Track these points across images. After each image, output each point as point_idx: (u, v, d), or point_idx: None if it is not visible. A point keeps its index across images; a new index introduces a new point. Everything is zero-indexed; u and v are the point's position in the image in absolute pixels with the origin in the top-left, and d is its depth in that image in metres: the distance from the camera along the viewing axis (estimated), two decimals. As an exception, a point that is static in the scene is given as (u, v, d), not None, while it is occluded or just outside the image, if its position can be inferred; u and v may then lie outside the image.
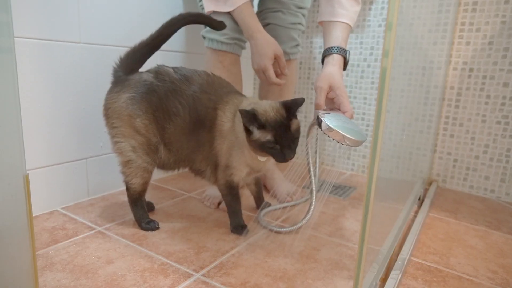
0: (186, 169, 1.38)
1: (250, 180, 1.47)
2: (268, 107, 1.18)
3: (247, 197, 1.67)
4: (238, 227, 1.34)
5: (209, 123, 1.26)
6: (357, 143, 1.11)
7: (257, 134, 1.16)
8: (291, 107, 1.19)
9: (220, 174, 1.30)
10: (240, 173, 1.29)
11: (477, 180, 1.89)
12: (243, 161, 1.27)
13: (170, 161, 1.33)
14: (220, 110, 1.26)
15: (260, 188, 1.54)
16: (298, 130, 1.20)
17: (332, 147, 2.21)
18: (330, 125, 1.11)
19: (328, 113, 1.20)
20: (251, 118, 1.15)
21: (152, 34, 1.29)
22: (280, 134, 1.15)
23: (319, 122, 1.16)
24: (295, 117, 1.21)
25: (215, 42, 1.53)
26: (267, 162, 1.31)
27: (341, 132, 1.09)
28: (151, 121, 1.27)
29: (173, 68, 1.30)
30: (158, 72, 1.29)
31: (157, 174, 1.66)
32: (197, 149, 1.29)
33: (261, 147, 1.17)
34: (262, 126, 1.15)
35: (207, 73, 1.32)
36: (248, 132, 1.18)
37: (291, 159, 1.17)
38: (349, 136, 1.09)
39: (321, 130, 1.14)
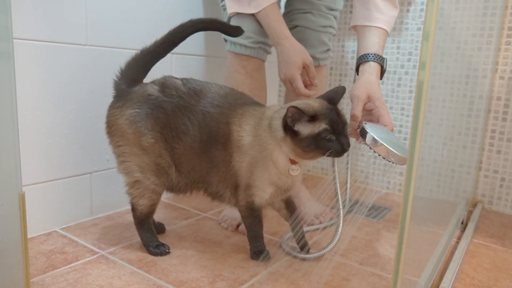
0: (200, 193, 1.35)
1: (278, 204, 1.40)
2: (308, 101, 1.18)
3: (269, 219, 1.65)
4: (259, 253, 1.31)
5: (223, 139, 1.24)
6: (403, 161, 1.09)
7: (308, 128, 1.13)
8: (333, 98, 1.20)
9: (241, 194, 1.27)
10: (263, 194, 1.26)
11: (527, 202, 1.84)
12: (267, 179, 1.24)
13: (180, 184, 1.32)
14: (235, 125, 1.24)
15: (293, 209, 1.40)
16: (345, 118, 1.18)
17: (365, 162, 2.17)
18: (378, 138, 1.10)
19: (366, 124, 1.19)
20: (298, 114, 1.12)
21: (156, 40, 1.29)
22: (334, 121, 1.13)
23: (363, 134, 1.15)
24: None
25: (238, 46, 1.51)
26: (296, 179, 1.28)
27: (389, 148, 1.08)
28: (158, 140, 1.26)
29: (182, 80, 1.29)
30: (164, 85, 1.28)
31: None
32: (211, 170, 1.27)
33: (315, 142, 1.13)
34: (313, 118, 1.13)
35: (219, 85, 1.31)
36: (293, 133, 1.15)
37: (348, 149, 1.15)
38: (396, 152, 1.08)
39: (366, 143, 1.14)
